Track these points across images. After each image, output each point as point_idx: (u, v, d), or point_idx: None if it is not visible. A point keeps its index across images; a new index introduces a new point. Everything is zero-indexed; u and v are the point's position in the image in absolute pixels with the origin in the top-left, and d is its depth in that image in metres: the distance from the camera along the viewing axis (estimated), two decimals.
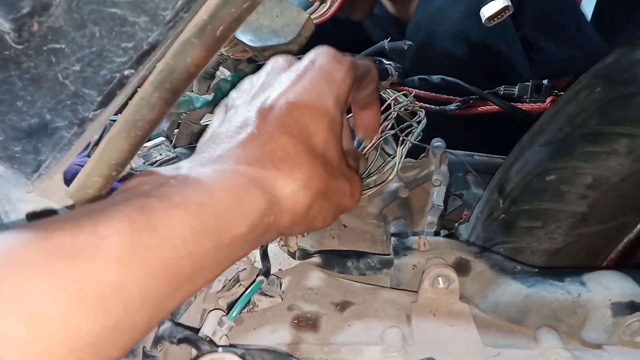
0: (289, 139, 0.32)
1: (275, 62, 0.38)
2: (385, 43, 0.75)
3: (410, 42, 0.76)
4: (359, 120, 0.43)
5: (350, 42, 0.85)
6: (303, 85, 0.34)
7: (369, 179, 0.60)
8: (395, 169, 0.59)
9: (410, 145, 0.61)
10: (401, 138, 0.61)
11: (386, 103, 0.64)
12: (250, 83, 0.39)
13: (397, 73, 0.73)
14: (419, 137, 0.63)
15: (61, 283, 0.20)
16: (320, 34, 0.58)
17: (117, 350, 0.22)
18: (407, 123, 0.63)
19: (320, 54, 0.36)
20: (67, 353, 0.20)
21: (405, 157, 0.61)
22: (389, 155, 0.63)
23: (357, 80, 0.37)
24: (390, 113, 0.62)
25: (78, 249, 0.21)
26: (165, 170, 0.29)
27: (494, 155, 0.77)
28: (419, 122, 0.64)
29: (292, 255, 0.49)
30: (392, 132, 0.62)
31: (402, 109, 0.65)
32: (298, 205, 0.32)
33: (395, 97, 0.66)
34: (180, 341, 0.38)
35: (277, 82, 0.36)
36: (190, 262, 0.25)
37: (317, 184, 0.33)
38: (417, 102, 0.71)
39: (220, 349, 0.36)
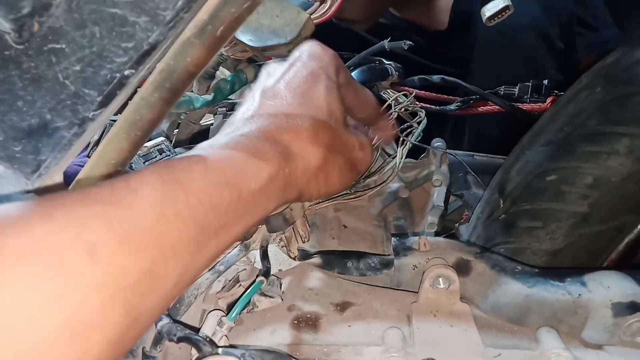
0: (289, 106, 0.35)
1: (267, 67, 0.42)
2: (386, 43, 0.75)
3: (410, 42, 0.75)
4: (353, 101, 0.43)
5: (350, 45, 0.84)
6: (296, 69, 0.38)
7: (369, 179, 0.60)
8: (396, 170, 0.59)
9: (410, 145, 0.61)
10: (401, 138, 0.61)
11: (386, 103, 0.64)
12: (249, 90, 0.42)
13: (397, 73, 0.73)
14: (419, 138, 0.62)
15: (108, 225, 0.21)
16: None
17: (154, 298, 0.23)
18: (408, 124, 0.63)
19: (306, 45, 0.40)
20: (116, 290, 0.21)
21: (405, 158, 0.61)
22: (389, 155, 0.62)
23: (342, 67, 0.41)
24: (391, 113, 0.62)
25: (117, 199, 0.22)
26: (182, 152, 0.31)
27: (494, 156, 0.76)
28: (419, 123, 0.63)
29: (293, 258, 0.49)
30: None
31: (403, 109, 0.65)
32: (309, 157, 0.34)
33: (396, 97, 0.66)
34: (180, 340, 0.37)
35: (272, 76, 0.39)
36: (215, 216, 0.26)
37: (324, 136, 0.35)
38: (417, 103, 0.71)
39: (220, 350, 0.36)
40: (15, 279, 0.19)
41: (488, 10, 0.67)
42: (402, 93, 0.67)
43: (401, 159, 0.59)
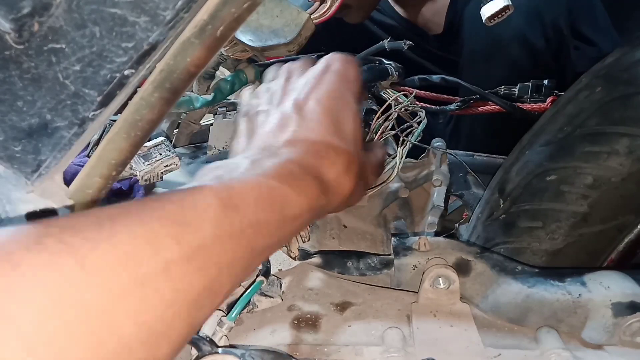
0: (326, 132, 0.38)
1: (291, 67, 0.43)
2: (385, 43, 0.75)
3: (410, 42, 0.75)
4: None
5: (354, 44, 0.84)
6: (325, 87, 0.40)
7: None
8: (396, 169, 0.59)
9: (410, 145, 0.61)
10: (401, 138, 0.61)
11: (386, 103, 0.64)
12: (268, 89, 0.43)
13: (397, 73, 0.73)
14: (419, 138, 0.62)
15: (179, 245, 0.24)
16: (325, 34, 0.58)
17: (208, 310, 0.26)
18: (408, 124, 0.63)
19: (334, 59, 0.42)
20: (183, 305, 0.23)
21: (405, 158, 0.61)
22: (389, 155, 0.62)
23: (360, 85, 0.43)
24: (391, 113, 0.62)
25: (186, 220, 0.25)
26: (227, 162, 0.34)
27: (494, 156, 0.76)
28: (419, 123, 0.63)
29: (293, 258, 0.49)
30: (393, 132, 0.62)
31: (403, 109, 0.65)
32: (344, 188, 0.37)
33: (396, 97, 0.66)
34: None
35: (299, 85, 0.41)
36: (262, 238, 0.29)
37: (355, 168, 0.38)
38: (417, 102, 0.71)
39: (220, 350, 0.36)
40: (107, 288, 0.20)
41: (487, 10, 0.67)
42: (402, 93, 0.67)
43: (401, 159, 0.59)
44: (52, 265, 0.20)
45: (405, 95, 0.67)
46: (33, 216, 0.34)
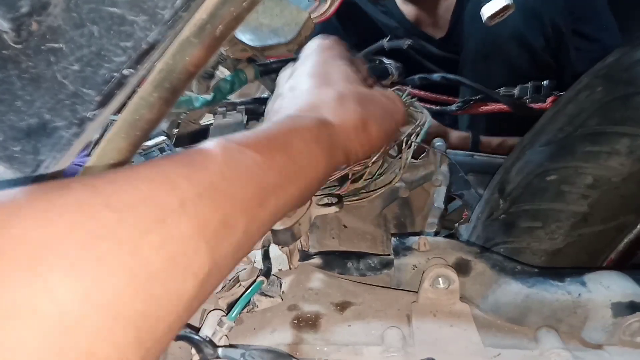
0: (312, 87, 0.41)
1: (285, 69, 0.48)
2: (385, 42, 0.75)
3: (410, 41, 0.75)
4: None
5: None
6: (309, 62, 0.45)
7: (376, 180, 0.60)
8: (401, 171, 0.59)
9: (415, 146, 0.61)
10: (404, 140, 0.61)
11: None
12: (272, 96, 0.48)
13: (397, 72, 0.73)
14: (424, 139, 0.62)
15: (191, 184, 0.26)
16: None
17: (229, 245, 0.27)
18: (412, 127, 0.63)
19: (311, 42, 0.47)
20: (202, 238, 0.25)
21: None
22: (393, 157, 0.62)
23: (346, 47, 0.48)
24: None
25: (195, 162, 0.27)
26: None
27: (494, 156, 0.76)
28: (423, 124, 0.63)
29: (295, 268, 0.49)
30: None
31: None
32: (343, 117, 0.39)
33: None
34: (179, 338, 0.37)
35: (292, 74, 0.46)
36: (271, 175, 0.31)
37: (350, 96, 0.40)
38: (420, 104, 0.71)
39: (220, 350, 0.36)
40: (133, 225, 0.22)
41: (488, 10, 0.67)
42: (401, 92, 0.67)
43: (406, 160, 0.59)
44: (81, 204, 0.22)
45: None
46: None
